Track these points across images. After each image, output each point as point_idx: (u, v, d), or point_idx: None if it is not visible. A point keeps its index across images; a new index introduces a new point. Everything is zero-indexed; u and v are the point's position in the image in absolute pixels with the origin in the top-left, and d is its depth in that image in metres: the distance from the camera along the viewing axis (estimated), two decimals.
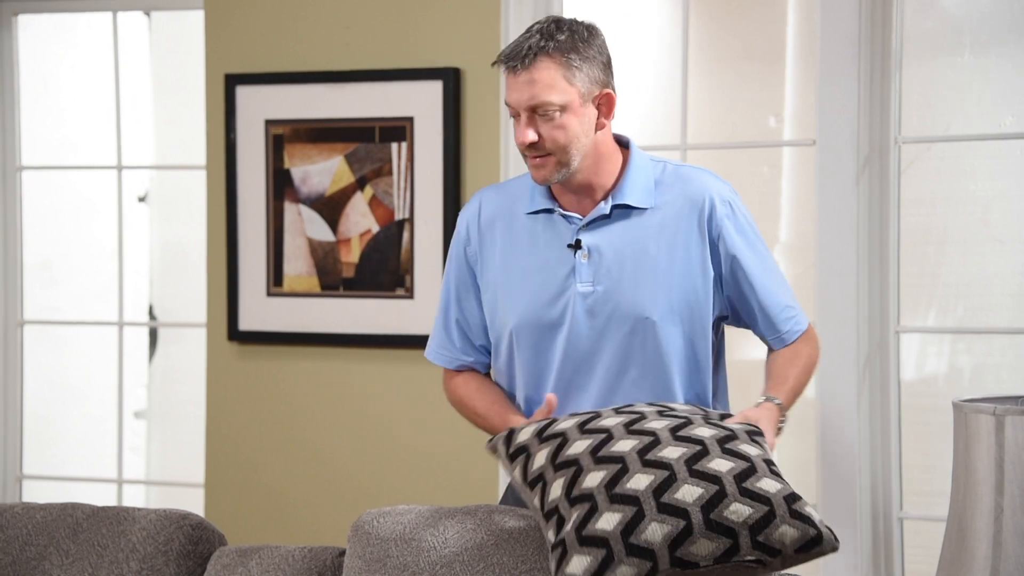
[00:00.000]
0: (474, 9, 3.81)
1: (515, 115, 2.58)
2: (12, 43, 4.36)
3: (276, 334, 4.01)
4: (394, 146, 3.88)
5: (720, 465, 2.26)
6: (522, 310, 2.66)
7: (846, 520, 3.53)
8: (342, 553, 2.68)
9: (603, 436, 2.34)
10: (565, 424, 2.42)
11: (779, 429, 2.55)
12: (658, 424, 2.36)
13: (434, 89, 3.83)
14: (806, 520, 2.24)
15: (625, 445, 2.30)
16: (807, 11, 4.32)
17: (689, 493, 2.22)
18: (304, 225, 3.97)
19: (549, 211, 2.66)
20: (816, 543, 2.25)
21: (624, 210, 2.63)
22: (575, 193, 2.64)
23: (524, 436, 2.43)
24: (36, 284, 4.60)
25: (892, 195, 3.54)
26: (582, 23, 2.61)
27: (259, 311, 4.02)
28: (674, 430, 2.35)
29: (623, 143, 2.69)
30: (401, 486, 3.82)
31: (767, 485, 2.25)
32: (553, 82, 2.54)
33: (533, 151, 2.56)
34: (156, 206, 5.27)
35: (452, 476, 3.82)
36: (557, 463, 2.33)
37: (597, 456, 2.30)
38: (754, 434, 2.40)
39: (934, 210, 3.85)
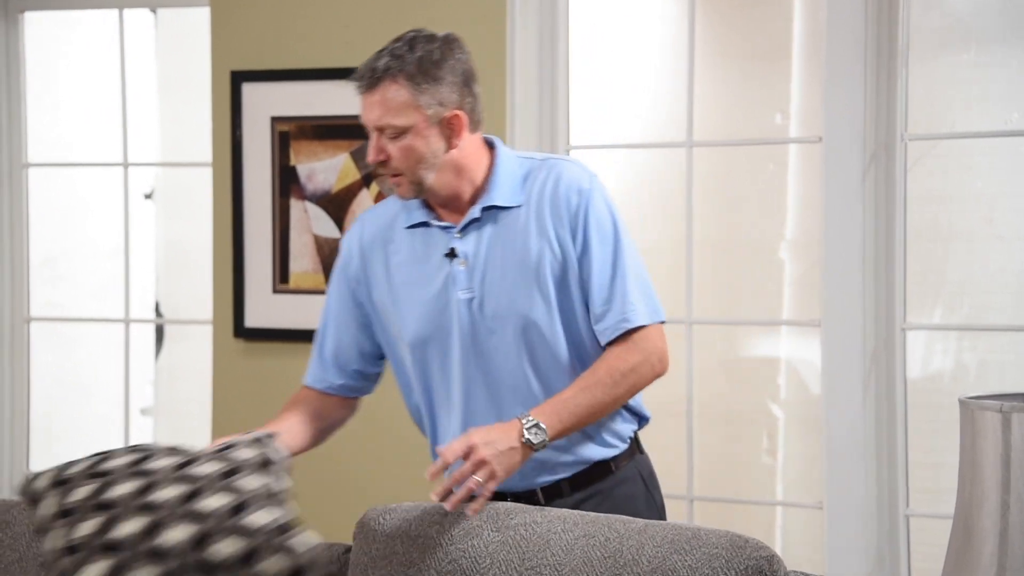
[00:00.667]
0: (480, 6, 3.81)
1: (368, 130, 2.60)
2: (18, 40, 4.36)
3: (282, 331, 4.01)
4: None
5: (212, 503, 2.27)
6: (412, 325, 2.67)
7: (852, 517, 3.53)
8: (348, 550, 2.68)
9: (102, 481, 2.34)
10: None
11: (530, 445, 2.51)
12: (160, 464, 2.37)
13: None
14: (291, 551, 2.26)
15: (122, 488, 2.31)
16: (813, 8, 4.31)
17: (176, 535, 2.24)
18: (310, 222, 3.97)
19: (426, 224, 2.67)
20: (303, 572, 2.27)
21: (494, 211, 2.64)
22: (445, 205, 2.65)
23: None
24: (42, 281, 4.60)
25: (898, 192, 3.53)
26: (440, 39, 2.62)
27: (265, 308, 4.02)
28: (176, 468, 2.36)
29: (490, 144, 2.70)
30: (407, 483, 3.81)
31: (258, 519, 2.27)
32: (398, 105, 2.56)
33: (384, 169, 2.59)
34: (162, 203, 5.27)
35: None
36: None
37: (95, 502, 2.31)
38: (268, 463, 2.39)
39: (940, 207, 3.84)
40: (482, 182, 2.65)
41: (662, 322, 2.65)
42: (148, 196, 5.23)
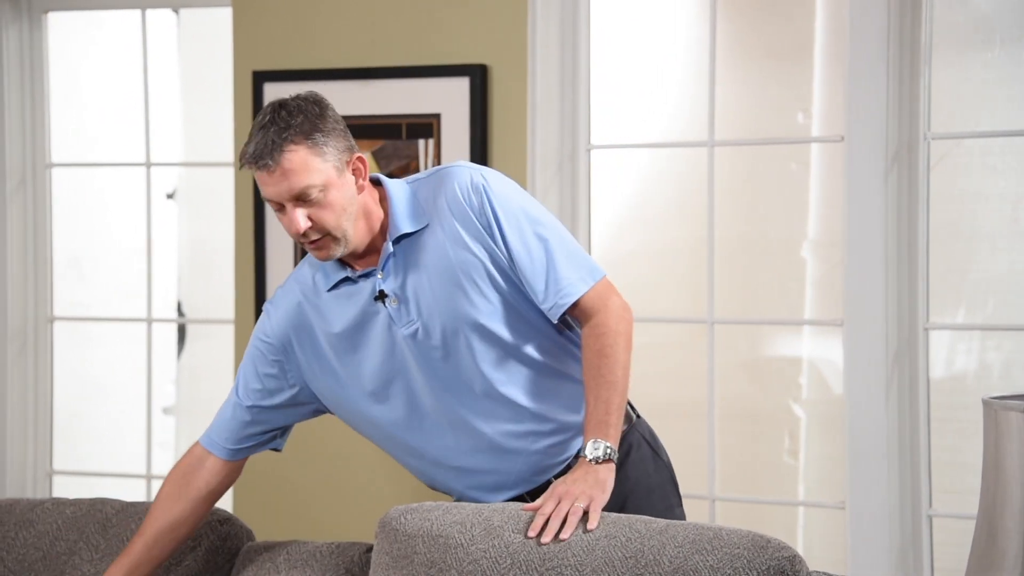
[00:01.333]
0: (501, 6, 3.81)
1: (278, 208, 2.57)
2: (42, 41, 4.38)
3: None
4: (421, 143, 3.88)
5: None
6: (368, 378, 2.65)
7: (875, 518, 3.52)
8: (369, 549, 2.68)
9: None
10: None
11: (601, 458, 2.52)
12: None
13: (461, 86, 3.83)
14: None
15: None
16: (835, 7, 4.30)
17: None
18: None
19: (347, 279, 2.66)
20: None
21: (405, 240, 2.63)
22: (359, 255, 2.64)
23: None
24: (65, 281, 4.62)
25: (921, 191, 3.52)
26: (305, 98, 2.59)
27: None
28: None
29: (375, 181, 2.68)
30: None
31: None
32: (307, 166, 2.53)
33: (308, 237, 2.56)
34: (184, 203, 5.29)
35: None
36: None
37: None
38: None
39: (963, 206, 3.83)
40: (380, 221, 2.64)
41: (602, 277, 2.63)
42: (170, 196, 5.24)
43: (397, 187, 2.67)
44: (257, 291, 4.04)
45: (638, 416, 2.77)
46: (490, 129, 3.82)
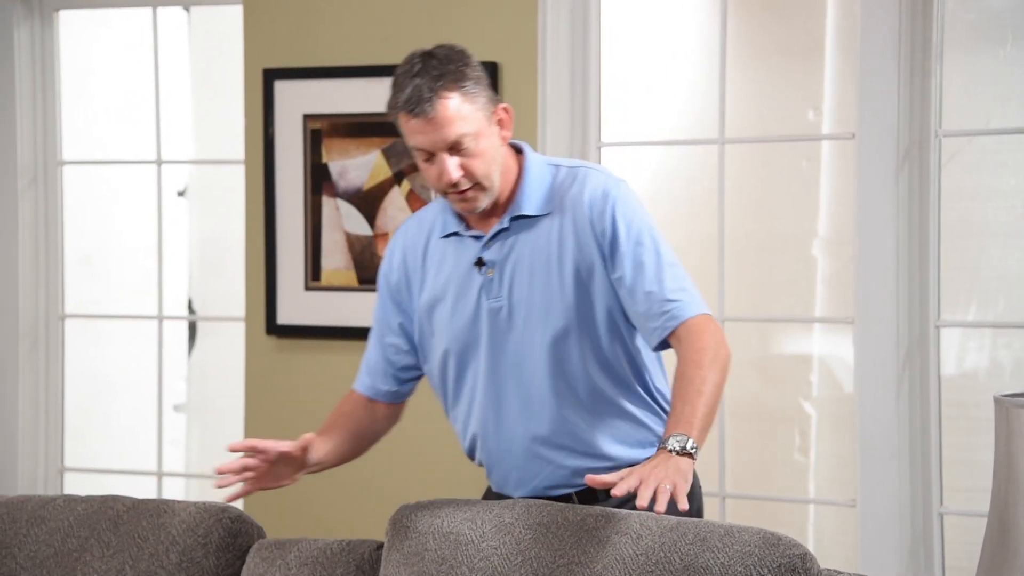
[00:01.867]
0: (512, 3, 3.81)
1: (427, 158, 2.57)
2: (53, 38, 4.38)
3: (314, 328, 4.02)
4: None
5: None
6: (447, 334, 2.67)
7: (886, 515, 3.51)
8: (380, 546, 2.69)
9: None
10: None
11: (681, 452, 2.41)
12: None
13: None
14: None
15: None
16: (846, 4, 4.29)
17: None
18: (342, 219, 3.98)
19: (457, 233, 2.67)
20: None
21: (522, 221, 2.63)
22: (480, 214, 2.65)
23: None
24: (77, 278, 4.62)
25: (932, 189, 3.51)
26: (451, 47, 2.60)
27: (297, 305, 4.03)
28: None
29: (518, 149, 2.68)
30: (438, 479, 3.82)
31: None
32: (461, 114, 2.54)
33: (459, 187, 2.56)
34: (195, 201, 5.29)
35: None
36: None
37: None
38: None
39: (975, 204, 3.82)
40: (511, 189, 2.64)
41: (708, 311, 2.59)
42: (181, 194, 5.25)
43: (538, 165, 2.66)
44: (267, 288, 4.05)
45: None
46: None
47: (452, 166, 2.55)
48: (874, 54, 3.52)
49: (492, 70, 3.81)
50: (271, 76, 4.03)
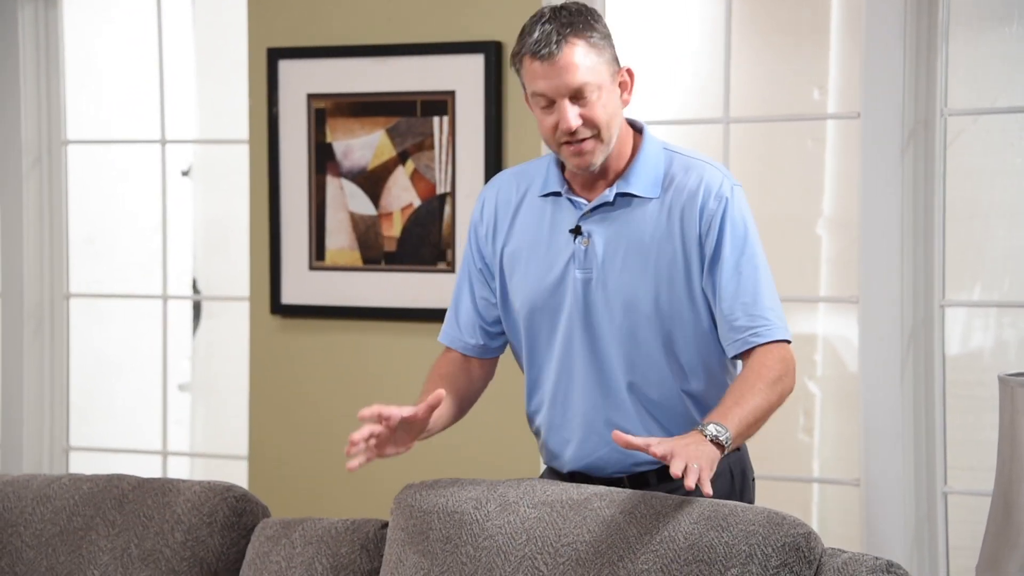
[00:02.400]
0: None
1: (546, 105, 2.55)
2: (58, 18, 4.38)
3: (318, 308, 4.02)
4: (436, 120, 3.88)
5: None
6: (528, 293, 2.66)
7: (890, 494, 3.52)
8: (385, 525, 2.69)
9: None
10: None
11: (717, 440, 2.39)
12: None
13: (476, 63, 3.83)
14: None
15: None
16: None
17: None
18: (346, 199, 3.98)
19: (558, 194, 2.65)
20: None
21: (628, 198, 2.61)
22: (583, 179, 2.63)
23: None
24: (81, 258, 4.63)
25: (937, 168, 3.51)
26: (581, 3, 2.59)
27: (301, 285, 4.03)
28: None
29: (637, 128, 2.67)
30: (443, 459, 3.83)
31: None
32: (588, 63, 2.53)
33: (574, 137, 2.54)
34: (199, 180, 5.29)
35: (495, 449, 3.83)
36: None
37: None
38: None
39: (980, 183, 3.82)
40: (624, 164, 2.62)
41: (789, 341, 2.57)
42: (185, 173, 5.25)
43: (655, 147, 2.64)
44: (272, 268, 4.05)
45: (738, 448, 2.68)
46: (504, 106, 3.82)
47: (572, 114, 2.52)
48: (879, 33, 3.51)
49: (496, 49, 3.80)
50: (275, 55, 4.02)
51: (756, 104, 4.28)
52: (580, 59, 2.52)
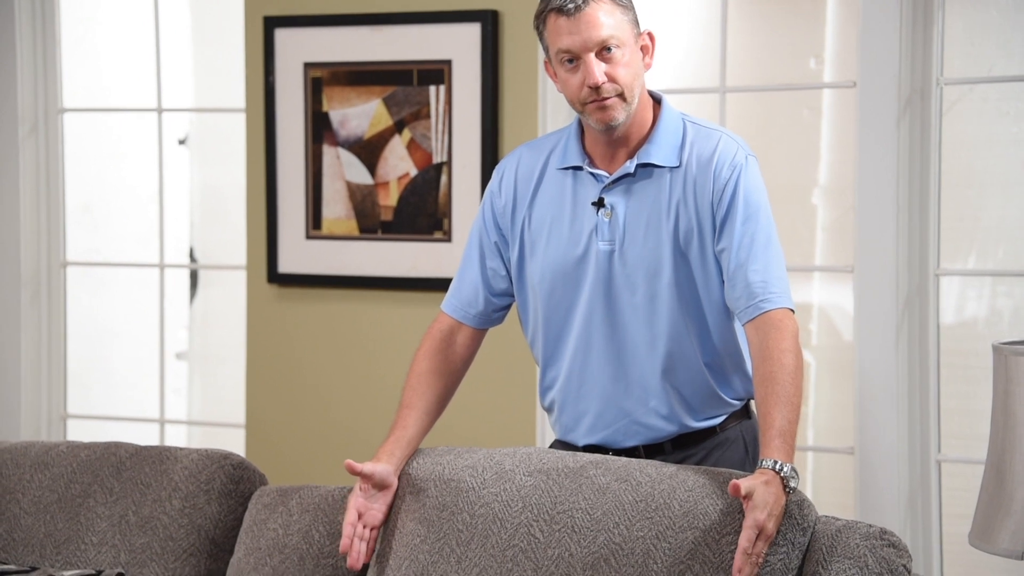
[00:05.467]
0: None
1: (572, 62, 2.56)
2: None
3: (315, 277, 4.03)
4: (432, 89, 3.88)
5: None
6: (550, 266, 2.66)
7: (884, 463, 3.53)
8: None
9: None
10: None
11: (790, 491, 2.35)
12: None
13: (472, 32, 3.82)
14: None
15: None
16: None
17: None
18: (343, 168, 3.98)
19: (579, 168, 2.66)
20: None
21: (648, 169, 2.62)
22: (610, 146, 2.64)
23: None
24: (78, 226, 4.63)
25: (933, 137, 3.51)
26: None
27: (298, 254, 4.04)
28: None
29: (656, 99, 2.68)
30: (439, 427, 3.84)
31: None
32: (612, 20, 2.55)
33: (599, 93, 2.55)
34: (196, 149, 5.28)
35: (491, 417, 3.84)
36: None
37: None
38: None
39: (976, 152, 3.82)
40: (645, 134, 2.63)
41: (793, 311, 2.58)
42: (182, 142, 5.24)
43: (674, 118, 2.66)
44: (268, 237, 4.05)
45: (750, 416, 2.72)
46: (501, 74, 3.82)
47: (598, 69, 2.54)
48: (875, 2, 3.50)
49: (493, 18, 3.80)
50: (272, 24, 4.01)
51: (752, 73, 4.27)
52: (604, 16, 2.55)
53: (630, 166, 2.61)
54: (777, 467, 2.35)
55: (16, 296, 4.38)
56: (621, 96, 2.56)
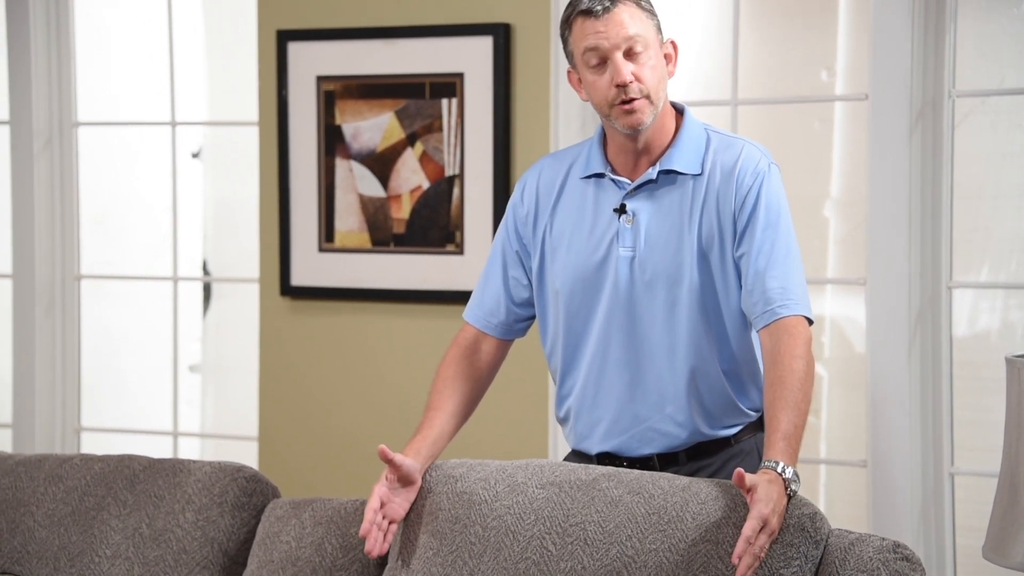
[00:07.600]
0: None
1: (598, 64, 2.58)
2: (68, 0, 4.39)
3: (327, 289, 4.04)
4: (444, 102, 3.89)
5: None
6: (571, 273, 2.67)
7: (897, 475, 3.53)
8: None
9: None
10: None
11: (791, 494, 2.37)
12: None
13: (484, 45, 3.83)
14: None
15: None
16: None
17: None
18: (355, 181, 3.99)
19: (601, 175, 2.67)
20: None
21: (671, 176, 2.63)
22: (632, 154, 2.64)
23: None
24: (92, 239, 4.64)
25: (945, 149, 3.51)
26: None
27: (311, 267, 4.05)
28: None
29: (679, 110, 2.70)
30: (452, 441, 3.85)
31: None
32: (638, 22, 2.59)
33: (626, 93, 2.57)
34: (209, 162, 5.30)
35: (503, 430, 3.84)
36: None
37: None
38: None
39: (988, 165, 3.81)
40: (667, 142, 2.65)
41: (810, 321, 2.58)
42: (196, 155, 5.26)
43: (696, 126, 2.68)
44: (281, 249, 4.06)
45: (763, 428, 2.68)
46: (513, 88, 3.82)
47: (625, 68, 2.57)
48: (887, 14, 3.50)
49: (505, 32, 3.81)
50: (285, 37, 4.03)
51: (764, 86, 4.28)
52: (630, 18, 2.58)
53: (652, 172, 2.63)
54: (779, 468, 2.36)
55: (31, 309, 4.39)
56: (648, 98, 2.59)
